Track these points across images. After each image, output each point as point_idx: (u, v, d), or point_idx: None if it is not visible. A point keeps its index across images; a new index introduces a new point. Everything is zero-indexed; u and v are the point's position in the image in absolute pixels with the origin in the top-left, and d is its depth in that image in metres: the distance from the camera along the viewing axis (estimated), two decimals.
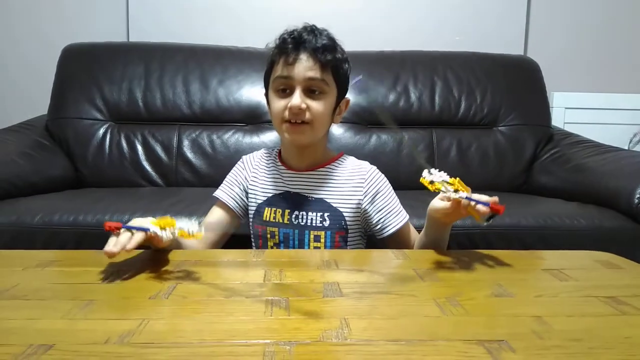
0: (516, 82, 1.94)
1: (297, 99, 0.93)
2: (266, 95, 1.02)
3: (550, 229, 1.26)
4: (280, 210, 1.00)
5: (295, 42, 0.93)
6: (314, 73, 0.94)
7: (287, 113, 0.94)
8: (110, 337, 0.50)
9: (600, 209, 1.36)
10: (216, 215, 1.07)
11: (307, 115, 0.94)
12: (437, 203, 0.86)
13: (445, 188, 0.81)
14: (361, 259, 0.89)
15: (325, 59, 0.94)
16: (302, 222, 0.99)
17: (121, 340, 0.50)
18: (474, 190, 0.82)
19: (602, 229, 1.28)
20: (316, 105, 0.95)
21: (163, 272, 0.74)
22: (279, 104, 0.95)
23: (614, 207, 1.35)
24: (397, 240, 1.01)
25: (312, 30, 0.96)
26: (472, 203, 0.79)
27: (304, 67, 0.93)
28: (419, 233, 1.03)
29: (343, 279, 0.71)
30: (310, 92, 0.94)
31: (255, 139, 1.80)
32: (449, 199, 0.82)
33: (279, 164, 1.05)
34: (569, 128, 2.04)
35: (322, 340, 0.51)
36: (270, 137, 1.81)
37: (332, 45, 0.96)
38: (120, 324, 0.54)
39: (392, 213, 1.01)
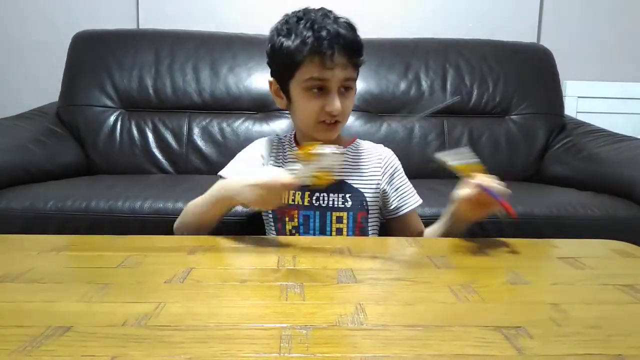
0: (529, 71, 1.92)
1: (337, 103, 0.92)
2: (282, 87, 0.99)
3: (564, 218, 1.25)
4: (300, 193, 0.99)
5: (330, 42, 0.89)
6: (349, 73, 0.94)
7: (322, 114, 0.94)
8: (127, 319, 0.51)
9: (615, 199, 1.34)
10: None
11: (341, 114, 0.95)
12: (460, 192, 0.86)
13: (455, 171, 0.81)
14: (374, 246, 0.89)
15: (358, 61, 0.94)
16: (323, 203, 0.99)
17: (138, 323, 0.50)
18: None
19: (617, 218, 1.26)
20: (348, 102, 0.96)
21: (177, 257, 0.74)
22: (313, 104, 0.94)
23: (628, 196, 1.33)
24: (408, 223, 1.03)
25: (335, 19, 0.93)
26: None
27: (341, 69, 0.91)
28: (428, 226, 1.05)
29: (356, 266, 0.71)
30: (342, 88, 0.94)
31: (266, 127, 1.80)
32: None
33: (295, 148, 1.05)
34: (581, 117, 2.01)
35: (339, 325, 0.51)
36: (280, 125, 1.80)
37: (360, 40, 0.94)
38: (137, 307, 0.54)
39: (408, 193, 1.03)
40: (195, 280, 0.64)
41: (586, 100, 2.16)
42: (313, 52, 0.90)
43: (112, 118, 1.78)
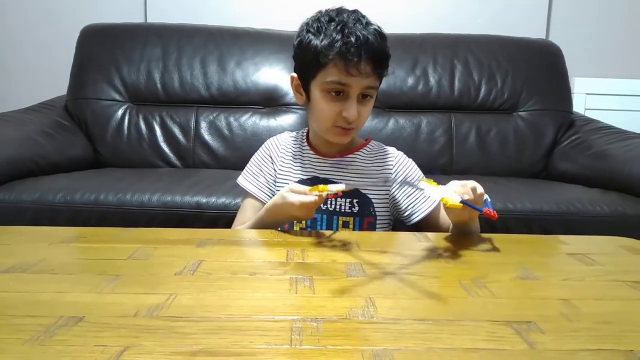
0: (537, 67, 1.91)
1: (354, 110, 0.92)
2: (303, 84, 0.98)
3: (573, 215, 1.24)
4: None
5: (357, 49, 0.88)
6: (371, 82, 0.93)
7: (339, 119, 0.93)
8: (139, 310, 0.51)
9: (623, 196, 1.34)
10: (250, 211, 1.02)
11: (356, 121, 0.94)
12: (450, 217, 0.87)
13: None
14: (382, 240, 0.89)
15: (383, 71, 0.93)
16: (330, 207, 0.98)
17: (150, 314, 0.50)
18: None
19: (626, 215, 1.26)
20: (366, 110, 0.95)
21: (186, 250, 0.75)
22: (331, 108, 0.93)
23: (637, 194, 1.33)
24: (428, 225, 1.01)
25: (365, 25, 0.91)
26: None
27: (364, 77, 0.90)
28: None
29: (365, 260, 0.71)
30: (361, 96, 0.93)
31: (273, 122, 1.80)
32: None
33: (307, 148, 1.04)
34: (590, 114, 2.00)
35: (349, 318, 0.51)
36: (287, 120, 1.80)
37: (387, 50, 0.94)
38: (148, 298, 0.54)
39: (420, 198, 1.00)
40: (206, 273, 0.64)
41: (595, 97, 2.15)
42: (339, 56, 0.89)
43: (120, 112, 1.79)
